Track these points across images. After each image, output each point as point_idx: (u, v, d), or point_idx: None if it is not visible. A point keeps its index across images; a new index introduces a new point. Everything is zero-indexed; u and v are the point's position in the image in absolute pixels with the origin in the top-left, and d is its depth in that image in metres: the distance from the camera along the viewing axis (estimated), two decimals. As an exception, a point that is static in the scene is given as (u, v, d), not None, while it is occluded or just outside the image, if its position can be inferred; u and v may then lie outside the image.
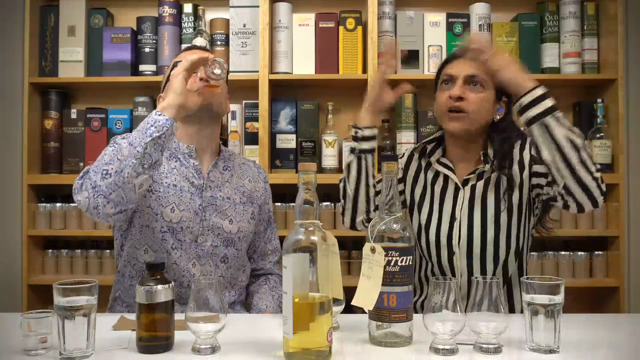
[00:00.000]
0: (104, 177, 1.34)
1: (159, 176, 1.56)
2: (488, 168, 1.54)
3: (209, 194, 1.60)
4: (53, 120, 2.56)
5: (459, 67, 1.54)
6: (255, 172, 1.76)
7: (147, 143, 1.33)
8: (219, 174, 1.64)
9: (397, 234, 1.14)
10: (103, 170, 1.34)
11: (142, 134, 1.35)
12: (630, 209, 2.58)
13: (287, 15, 2.49)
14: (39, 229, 2.53)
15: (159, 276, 1.12)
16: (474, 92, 1.51)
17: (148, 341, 1.09)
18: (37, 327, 1.09)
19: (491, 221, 1.52)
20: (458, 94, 1.50)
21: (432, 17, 2.52)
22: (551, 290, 1.09)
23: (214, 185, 1.61)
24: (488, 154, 1.55)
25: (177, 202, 1.55)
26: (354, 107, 2.63)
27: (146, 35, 2.55)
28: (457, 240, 1.54)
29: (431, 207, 1.60)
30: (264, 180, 1.78)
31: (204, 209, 1.58)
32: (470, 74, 1.51)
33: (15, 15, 2.61)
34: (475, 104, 1.50)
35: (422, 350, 1.10)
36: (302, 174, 1.08)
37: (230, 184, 1.66)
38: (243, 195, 1.67)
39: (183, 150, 1.61)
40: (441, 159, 1.62)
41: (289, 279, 1.02)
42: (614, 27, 2.43)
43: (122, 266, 1.60)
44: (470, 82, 1.51)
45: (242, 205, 1.66)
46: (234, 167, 1.70)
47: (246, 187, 1.69)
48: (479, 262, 1.52)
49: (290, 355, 1.03)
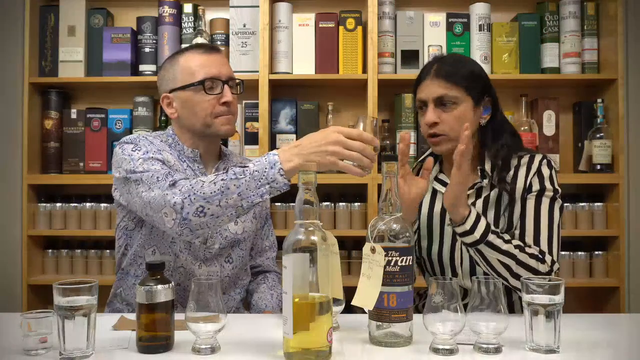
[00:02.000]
0: (199, 214, 1.27)
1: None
2: (486, 184, 1.51)
3: None
4: (53, 120, 2.56)
5: (428, 89, 1.50)
6: None
7: (255, 203, 1.28)
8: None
9: (397, 234, 1.14)
10: (200, 207, 1.27)
11: (256, 187, 1.26)
12: (630, 209, 2.58)
13: (287, 15, 2.49)
14: (39, 229, 2.53)
15: (159, 276, 1.12)
16: (447, 112, 1.48)
17: (148, 341, 1.09)
18: (37, 327, 1.09)
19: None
20: (432, 121, 1.48)
21: (432, 17, 2.52)
22: (551, 291, 1.09)
23: None
24: (485, 169, 1.51)
25: None
26: (354, 107, 2.64)
27: (146, 35, 2.55)
28: (459, 262, 1.53)
29: (431, 230, 1.58)
30: None
31: None
32: (438, 96, 1.48)
33: (15, 15, 2.61)
34: (450, 124, 1.48)
35: (422, 350, 1.10)
36: (302, 174, 1.08)
37: None
38: None
39: (188, 154, 1.60)
40: (439, 175, 1.60)
41: (289, 279, 1.02)
42: (614, 27, 2.43)
43: (128, 264, 1.60)
44: (441, 103, 1.49)
45: None
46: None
47: None
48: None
49: (290, 355, 1.03)
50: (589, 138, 2.47)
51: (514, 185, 1.50)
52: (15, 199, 2.61)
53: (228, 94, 1.56)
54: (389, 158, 1.17)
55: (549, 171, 1.51)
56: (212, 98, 1.55)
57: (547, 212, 1.46)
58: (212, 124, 1.56)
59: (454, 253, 1.54)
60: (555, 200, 1.48)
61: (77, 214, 2.53)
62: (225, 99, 1.55)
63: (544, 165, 1.51)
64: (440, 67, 1.50)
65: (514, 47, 2.50)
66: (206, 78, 1.55)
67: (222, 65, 1.59)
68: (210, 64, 1.56)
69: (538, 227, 1.44)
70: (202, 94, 1.54)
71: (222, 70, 1.57)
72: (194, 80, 1.55)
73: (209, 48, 1.63)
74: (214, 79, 1.55)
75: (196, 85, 1.54)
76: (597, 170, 2.45)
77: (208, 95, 1.55)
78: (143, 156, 1.46)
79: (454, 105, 1.48)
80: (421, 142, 2.48)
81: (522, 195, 1.49)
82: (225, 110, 1.56)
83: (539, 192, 1.48)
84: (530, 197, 1.48)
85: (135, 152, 1.48)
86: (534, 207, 1.47)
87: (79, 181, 2.52)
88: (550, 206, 1.47)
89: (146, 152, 1.48)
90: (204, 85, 1.54)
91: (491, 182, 1.51)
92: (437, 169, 1.62)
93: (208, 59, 1.58)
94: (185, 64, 1.57)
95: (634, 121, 2.62)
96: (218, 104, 1.55)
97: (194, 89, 1.55)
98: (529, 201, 1.48)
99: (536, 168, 1.51)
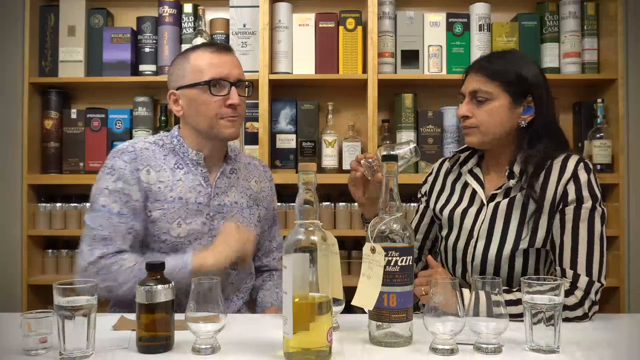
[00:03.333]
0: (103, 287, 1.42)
1: (161, 192, 1.53)
2: (513, 183, 1.47)
3: (217, 202, 1.59)
4: (53, 120, 2.56)
5: (467, 83, 1.52)
6: (261, 171, 1.76)
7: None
8: (226, 179, 1.63)
9: (397, 234, 1.14)
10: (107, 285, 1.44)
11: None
12: (630, 209, 2.58)
13: (287, 15, 2.49)
14: (39, 229, 2.53)
15: (159, 276, 1.12)
16: (480, 106, 1.48)
17: (148, 341, 1.09)
18: (37, 327, 1.09)
19: (508, 249, 1.45)
20: (461, 114, 1.51)
21: (432, 17, 2.52)
22: (551, 291, 1.09)
23: (221, 191, 1.60)
24: (514, 170, 1.46)
25: (183, 215, 1.53)
26: (354, 107, 2.64)
27: (146, 35, 2.55)
28: (471, 258, 1.51)
29: (452, 220, 1.56)
30: (269, 179, 1.78)
31: (212, 218, 1.57)
32: (472, 90, 1.49)
33: (15, 15, 2.61)
34: (481, 117, 1.48)
35: (422, 350, 1.10)
36: (302, 174, 1.08)
37: (237, 187, 1.65)
38: (250, 198, 1.67)
39: (192, 157, 1.58)
40: (474, 168, 1.58)
41: (289, 279, 1.02)
42: (614, 27, 2.43)
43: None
44: (475, 97, 1.49)
45: (248, 209, 1.65)
46: (240, 169, 1.68)
47: (252, 189, 1.69)
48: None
49: (290, 355, 1.03)
50: (589, 138, 2.47)
51: (543, 194, 1.43)
52: (15, 199, 2.61)
53: (235, 96, 1.53)
54: (389, 158, 1.17)
55: (587, 176, 1.41)
56: (219, 99, 1.53)
57: (587, 227, 1.38)
58: (216, 126, 1.54)
59: (467, 248, 1.52)
60: (594, 211, 1.39)
61: (77, 214, 2.53)
62: (231, 101, 1.53)
63: (581, 168, 1.42)
64: (481, 63, 1.52)
65: (514, 47, 2.50)
66: (213, 78, 1.52)
67: (232, 67, 1.56)
68: (219, 64, 1.54)
69: (576, 248, 1.37)
70: (209, 94, 1.52)
71: (231, 71, 1.55)
72: (202, 80, 1.52)
73: (221, 48, 1.59)
74: (222, 80, 1.53)
75: (202, 85, 1.52)
76: (597, 170, 2.44)
77: (214, 96, 1.52)
78: (109, 187, 1.50)
79: (487, 100, 1.48)
80: (421, 143, 2.48)
81: (555, 205, 1.42)
82: (230, 112, 1.54)
83: (576, 205, 1.39)
84: (568, 212, 1.40)
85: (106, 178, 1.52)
86: (571, 227, 1.39)
87: (79, 181, 2.51)
88: (590, 219, 1.38)
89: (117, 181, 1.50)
90: (210, 85, 1.52)
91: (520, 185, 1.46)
92: (474, 162, 1.60)
93: (219, 59, 1.55)
94: (194, 61, 1.55)
95: (634, 121, 2.62)
96: (224, 106, 1.53)
97: (200, 88, 1.53)
98: (567, 216, 1.40)
99: (571, 172, 1.42)
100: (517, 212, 1.46)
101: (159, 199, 1.53)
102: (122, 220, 1.49)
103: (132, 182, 1.51)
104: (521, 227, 1.45)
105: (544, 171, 1.45)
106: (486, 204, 1.51)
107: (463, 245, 1.53)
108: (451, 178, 1.64)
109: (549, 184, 1.44)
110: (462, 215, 1.55)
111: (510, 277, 1.46)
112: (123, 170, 1.51)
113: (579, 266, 1.36)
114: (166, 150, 1.58)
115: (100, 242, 1.47)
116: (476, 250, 1.50)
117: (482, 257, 1.48)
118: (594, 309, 1.34)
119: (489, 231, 1.48)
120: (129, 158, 1.53)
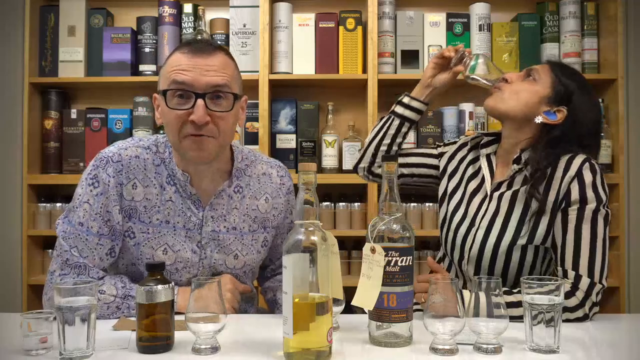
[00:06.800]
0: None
1: (146, 213, 1.35)
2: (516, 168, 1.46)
3: (210, 228, 1.39)
4: (53, 120, 2.56)
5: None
6: (277, 184, 1.51)
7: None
8: (224, 200, 1.41)
9: (397, 234, 1.14)
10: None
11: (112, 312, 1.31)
12: (630, 209, 2.58)
13: (287, 15, 2.49)
14: (39, 229, 2.54)
15: (159, 276, 1.11)
16: (523, 80, 1.51)
17: (148, 341, 1.09)
18: (37, 327, 1.09)
19: (506, 242, 1.44)
20: (509, 77, 1.53)
21: (432, 17, 2.52)
22: (551, 291, 1.09)
23: (216, 215, 1.40)
24: (522, 156, 1.46)
25: (170, 242, 1.36)
26: (354, 107, 2.64)
27: (146, 35, 2.55)
28: (469, 246, 1.50)
29: (459, 203, 1.57)
30: (285, 194, 1.52)
31: (203, 247, 1.40)
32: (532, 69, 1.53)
33: (15, 15, 2.61)
34: (517, 87, 1.50)
35: (422, 350, 1.10)
36: (302, 174, 1.08)
37: (239, 209, 1.44)
38: (254, 221, 1.46)
39: (178, 176, 1.36)
40: (492, 155, 1.58)
41: (289, 279, 1.02)
42: (614, 27, 2.43)
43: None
44: (529, 74, 1.52)
45: (251, 235, 1.46)
46: (250, 185, 1.46)
47: (259, 209, 1.47)
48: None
49: (290, 355, 1.03)
50: (589, 138, 2.47)
51: (545, 193, 1.40)
52: (15, 199, 2.61)
53: (199, 111, 1.24)
54: (389, 158, 1.17)
55: (592, 176, 1.38)
56: (182, 113, 1.26)
57: (590, 229, 1.36)
58: (179, 146, 1.30)
59: (467, 237, 1.51)
60: (598, 212, 1.36)
61: (77, 214, 2.53)
62: (192, 117, 1.25)
63: (586, 168, 1.39)
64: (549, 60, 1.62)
65: (514, 47, 2.51)
66: (170, 87, 1.26)
67: (202, 72, 1.26)
68: (185, 69, 1.26)
69: (578, 249, 1.36)
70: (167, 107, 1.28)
71: (198, 78, 1.25)
72: (163, 87, 1.28)
73: (199, 48, 1.29)
74: (185, 90, 1.25)
75: (161, 94, 1.29)
76: (597, 170, 2.44)
77: (172, 110, 1.27)
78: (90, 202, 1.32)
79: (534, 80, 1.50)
80: (421, 142, 2.48)
81: (557, 203, 1.40)
82: (192, 130, 1.26)
83: (580, 206, 1.37)
84: (571, 212, 1.38)
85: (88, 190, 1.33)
86: (574, 227, 1.37)
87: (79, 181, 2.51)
88: (593, 221, 1.36)
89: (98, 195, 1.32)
90: (165, 95, 1.27)
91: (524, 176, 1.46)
92: (494, 148, 1.59)
93: (187, 62, 1.27)
94: (167, 62, 1.32)
95: (634, 121, 2.62)
96: (187, 122, 1.26)
97: (164, 98, 1.28)
98: (570, 217, 1.38)
99: (575, 171, 1.39)
100: (519, 207, 1.45)
101: (143, 221, 1.35)
102: (100, 241, 1.32)
103: (115, 199, 1.33)
104: (521, 223, 1.44)
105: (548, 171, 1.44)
106: (490, 194, 1.51)
107: (464, 232, 1.53)
108: (468, 159, 1.63)
109: (552, 182, 1.42)
110: (468, 202, 1.55)
111: (506, 271, 1.47)
112: (106, 185, 1.33)
113: (580, 268, 1.35)
114: (159, 159, 1.38)
115: (74, 269, 1.31)
116: (475, 239, 1.49)
117: (480, 247, 1.47)
118: (595, 310, 1.34)
119: (490, 222, 1.48)
120: (113, 171, 1.33)
